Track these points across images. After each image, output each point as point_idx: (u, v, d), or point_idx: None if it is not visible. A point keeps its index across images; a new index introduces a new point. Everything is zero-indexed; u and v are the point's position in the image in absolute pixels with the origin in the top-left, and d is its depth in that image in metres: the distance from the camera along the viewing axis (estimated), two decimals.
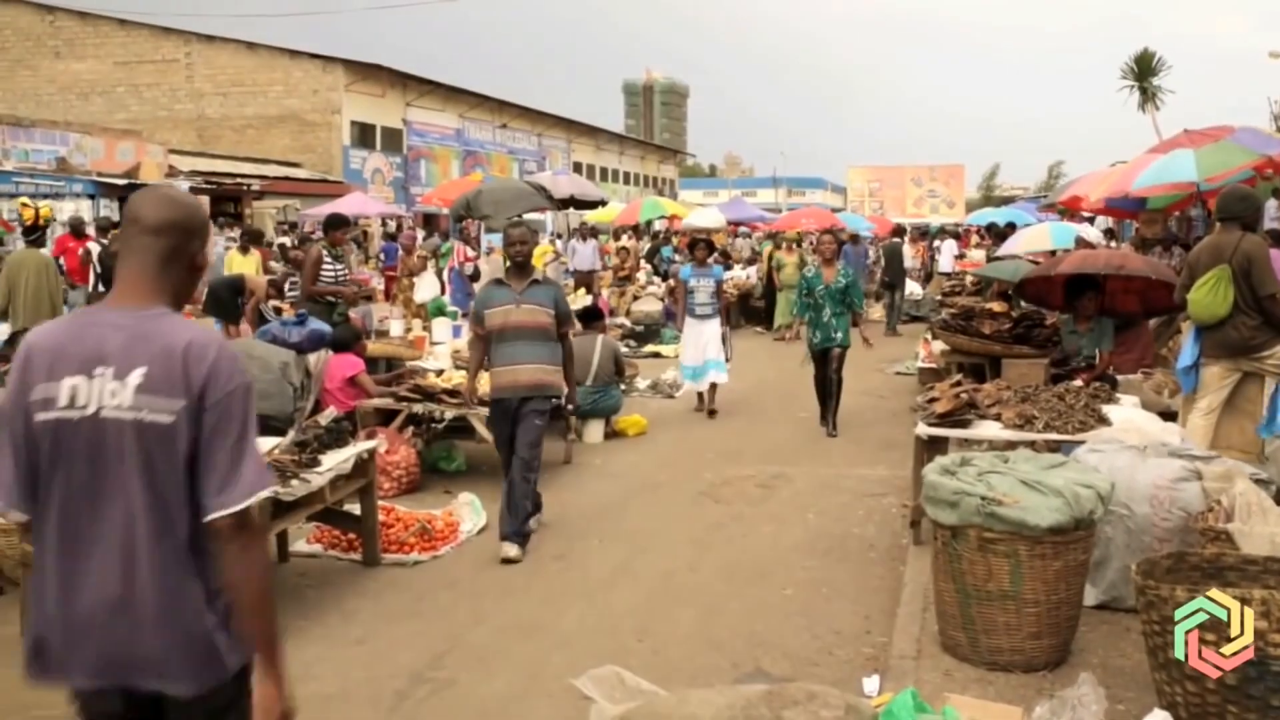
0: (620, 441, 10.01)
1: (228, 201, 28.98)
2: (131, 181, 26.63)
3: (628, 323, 17.27)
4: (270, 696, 2.42)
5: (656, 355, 15.64)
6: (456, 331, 11.38)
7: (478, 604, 5.81)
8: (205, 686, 2.39)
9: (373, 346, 10.04)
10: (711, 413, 11.20)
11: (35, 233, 13.24)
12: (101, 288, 15.93)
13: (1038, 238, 15.22)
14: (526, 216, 17.54)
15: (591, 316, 11.08)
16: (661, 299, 18.54)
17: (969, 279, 17.28)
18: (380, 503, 6.72)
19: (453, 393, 8.31)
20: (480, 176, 23.82)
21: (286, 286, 13.14)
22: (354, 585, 6.10)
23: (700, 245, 11.88)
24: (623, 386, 10.81)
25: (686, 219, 26.95)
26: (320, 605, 5.77)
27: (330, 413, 6.81)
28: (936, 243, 26.32)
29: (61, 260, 17.04)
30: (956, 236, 31.43)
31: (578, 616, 5.61)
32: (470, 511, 7.25)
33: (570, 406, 7.39)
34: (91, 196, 24.77)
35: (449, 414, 8.34)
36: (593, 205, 19.68)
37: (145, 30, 38.87)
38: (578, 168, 50.33)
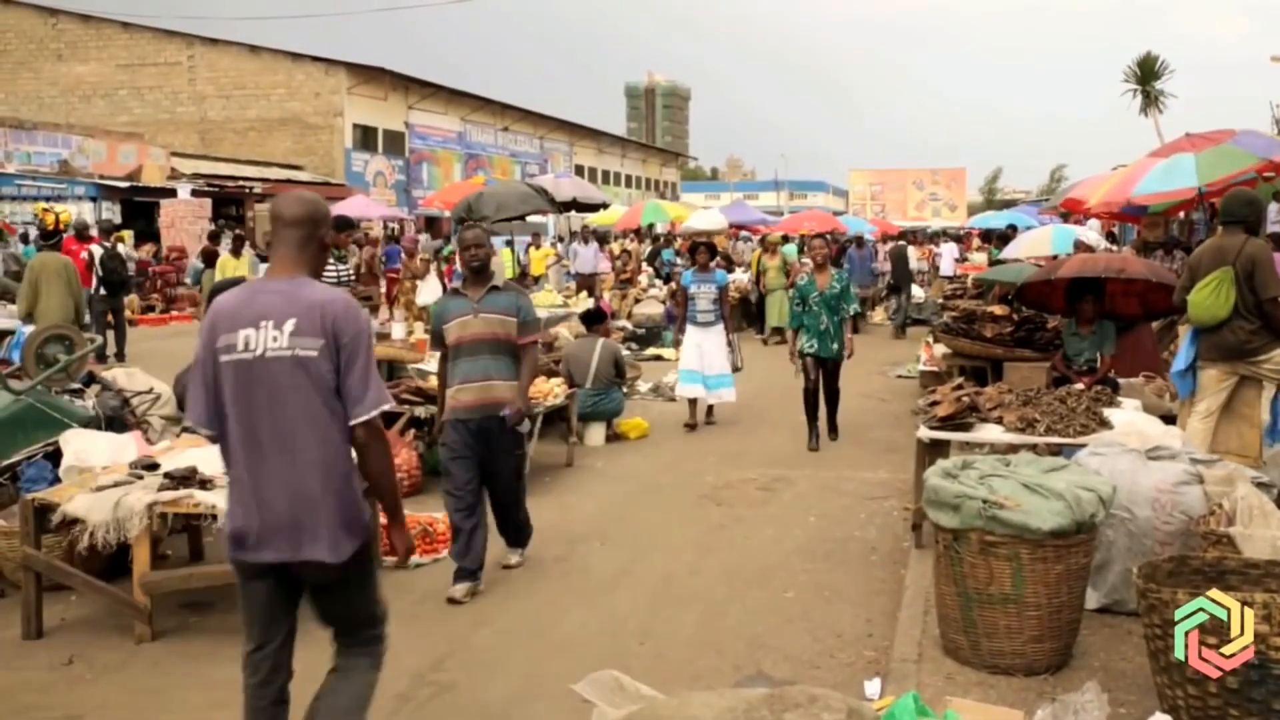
0: (622, 444, 10.01)
1: (230, 204, 29.00)
2: (134, 184, 26.67)
3: (629, 325, 17.28)
4: (401, 538, 3.64)
5: (658, 358, 15.64)
6: None
7: (479, 607, 5.81)
8: (346, 554, 3.35)
9: (376, 349, 10.02)
10: (690, 427, 10.61)
11: (54, 237, 13.48)
12: (103, 290, 15.93)
13: (1039, 242, 15.22)
14: (530, 219, 17.60)
15: (594, 319, 11.08)
16: (663, 302, 18.54)
17: (970, 282, 17.29)
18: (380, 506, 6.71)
19: None
20: (482, 179, 23.89)
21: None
22: None
23: (702, 249, 11.14)
24: (624, 389, 10.80)
25: (686, 222, 26.19)
26: None
27: None
28: (937, 246, 26.30)
29: None
30: (958, 240, 31.44)
31: (579, 620, 5.61)
32: None
33: (514, 420, 6.05)
34: (94, 199, 24.84)
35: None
36: (594, 208, 19.67)
37: (148, 33, 38.96)
38: (580, 170, 50.39)
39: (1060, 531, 4.36)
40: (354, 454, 3.37)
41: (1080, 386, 7.07)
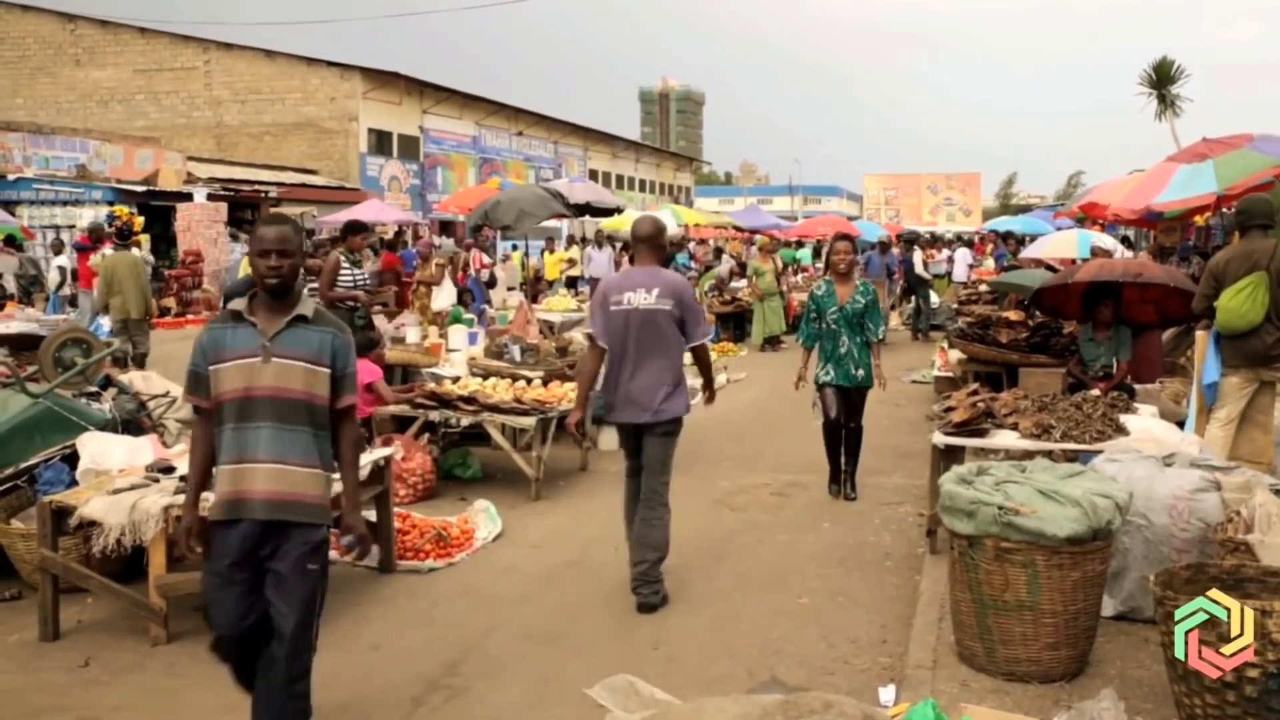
0: None
1: (245, 208, 29.10)
2: (151, 188, 26.79)
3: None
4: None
5: None
6: (473, 339, 11.40)
7: (493, 611, 5.81)
8: (665, 417, 5.85)
9: (389, 353, 10.06)
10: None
11: (127, 237, 15.34)
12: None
13: (1065, 243, 15.17)
14: (543, 224, 17.61)
15: None
16: None
17: (983, 287, 17.23)
18: (396, 509, 6.74)
19: (469, 399, 8.33)
20: (497, 183, 23.88)
21: (306, 293, 13.19)
22: (370, 592, 6.11)
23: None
24: None
25: (615, 223, 21.57)
26: (336, 611, 5.76)
27: None
28: (939, 251, 26.17)
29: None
30: (970, 245, 31.35)
31: (592, 624, 5.61)
32: (486, 519, 7.26)
33: (347, 539, 4.02)
34: (111, 203, 24.92)
35: (465, 421, 8.35)
36: (608, 213, 19.69)
37: (165, 38, 39.16)
38: (594, 175, 50.46)
39: (1076, 538, 4.34)
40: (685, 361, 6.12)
41: (1096, 392, 7.04)
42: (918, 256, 20.42)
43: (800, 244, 33.10)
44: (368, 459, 6.19)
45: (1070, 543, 4.34)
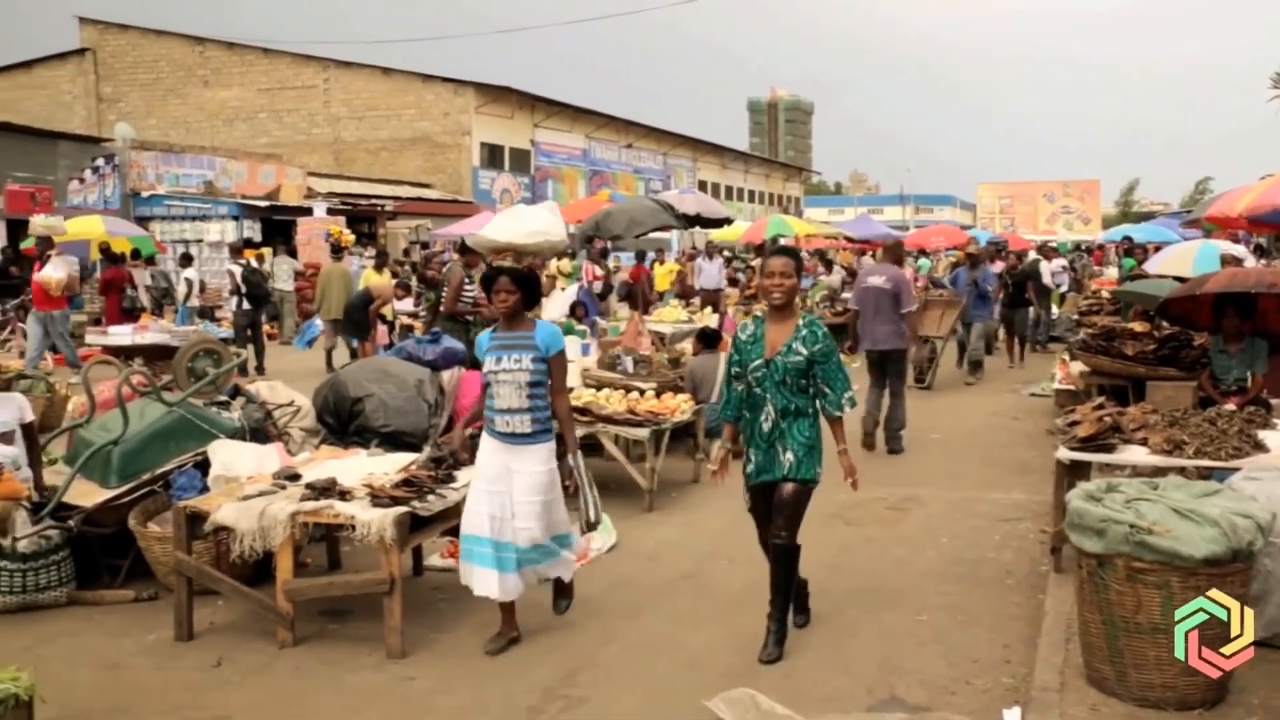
0: None
1: (363, 222, 29.88)
2: (273, 203, 27.68)
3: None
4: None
5: None
6: (585, 350, 11.50)
7: (608, 622, 5.83)
8: (889, 347, 10.22)
9: None
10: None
11: (339, 252, 18.76)
12: (246, 305, 16.58)
13: (1179, 260, 14.55)
14: (653, 235, 17.68)
15: (713, 339, 11.02)
16: None
17: (1104, 295, 16.69)
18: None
19: (583, 411, 8.39)
20: (607, 194, 24.08)
21: (419, 305, 13.50)
22: (486, 600, 6.16)
23: (503, 282, 5.44)
24: None
25: (483, 231, 13.50)
26: (454, 619, 5.87)
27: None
28: (1064, 262, 25.31)
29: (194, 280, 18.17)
30: (1089, 253, 30.51)
31: (707, 637, 5.59)
32: (600, 531, 7.28)
33: None
34: (236, 218, 25.83)
35: (579, 432, 8.39)
36: (718, 224, 19.68)
37: (287, 58, 40.46)
38: (703, 186, 50.46)
39: (1214, 559, 4.18)
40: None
41: (1231, 407, 6.77)
42: (1045, 266, 19.78)
43: (923, 254, 32.59)
44: None
45: (1207, 564, 4.18)
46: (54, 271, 14.53)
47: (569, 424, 5.60)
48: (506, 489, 5.31)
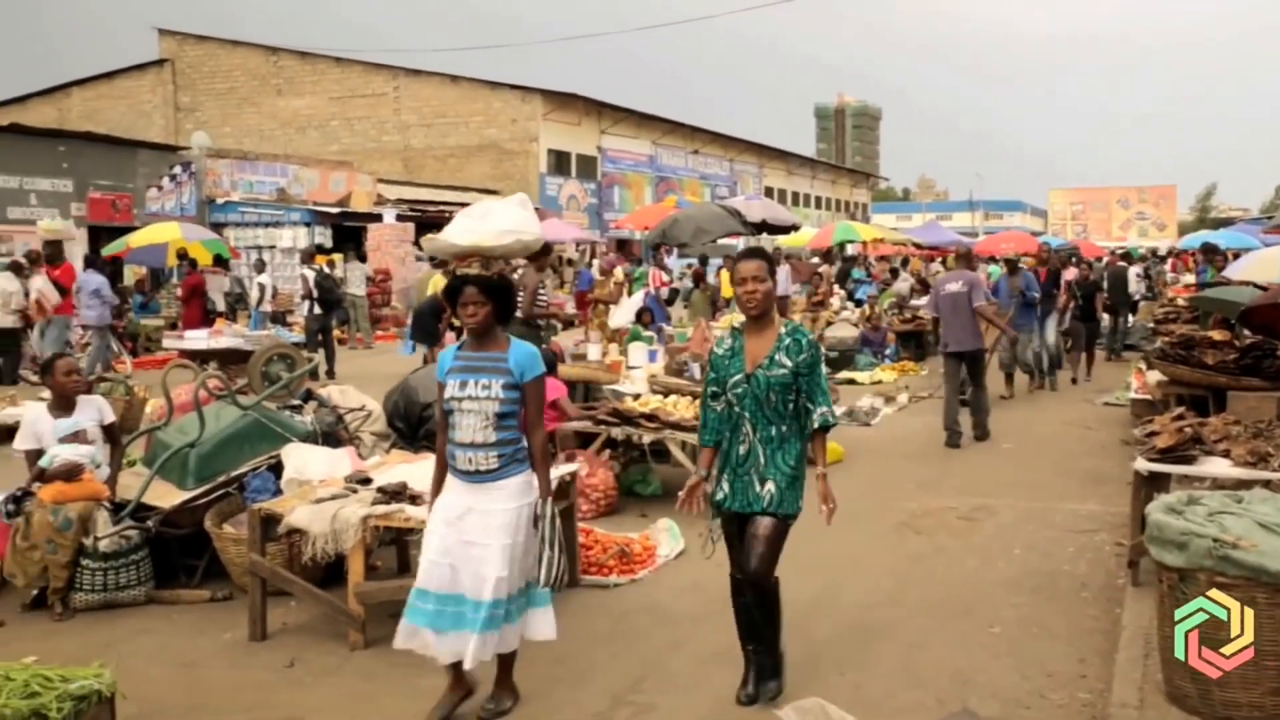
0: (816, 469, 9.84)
1: (431, 228, 30.13)
2: (344, 209, 28.10)
3: (822, 349, 17.06)
4: None
5: (851, 382, 15.42)
6: (652, 356, 11.51)
7: (675, 629, 5.81)
8: (971, 348, 11.02)
9: (570, 370, 10.25)
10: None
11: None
12: (318, 310, 16.87)
13: (1260, 267, 14.15)
14: (721, 242, 17.67)
15: None
16: (855, 325, 18.27)
17: (1180, 302, 16.30)
18: (579, 524, 6.82)
19: (650, 417, 8.39)
20: (674, 201, 24.08)
21: None
22: (554, 604, 6.18)
23: (471, 294, 4.62)
24: None
25: (442, 234, 11.38)
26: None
27: None
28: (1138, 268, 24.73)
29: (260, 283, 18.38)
30: (1164, 260, 29.88)
31: None
32: (668, 537, 7.28)
33: None
34: (308, 224, 26.26)
35: (646, 438, 8.41)
36: (785, 230, 19.59)
37: (358, 67, 41.11)
38: (769, 192, 50.36)
39: None
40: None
41: None
42: (1133, 271, 19.31)
43: (992, 260, 32.17)
44: (555, 474, 6.29)
45: None
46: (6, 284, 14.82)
47: (544, 464, 4.72)
48: (468, 535, 4.54)
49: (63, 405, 6.62)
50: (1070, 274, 16.43)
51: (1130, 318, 19.83)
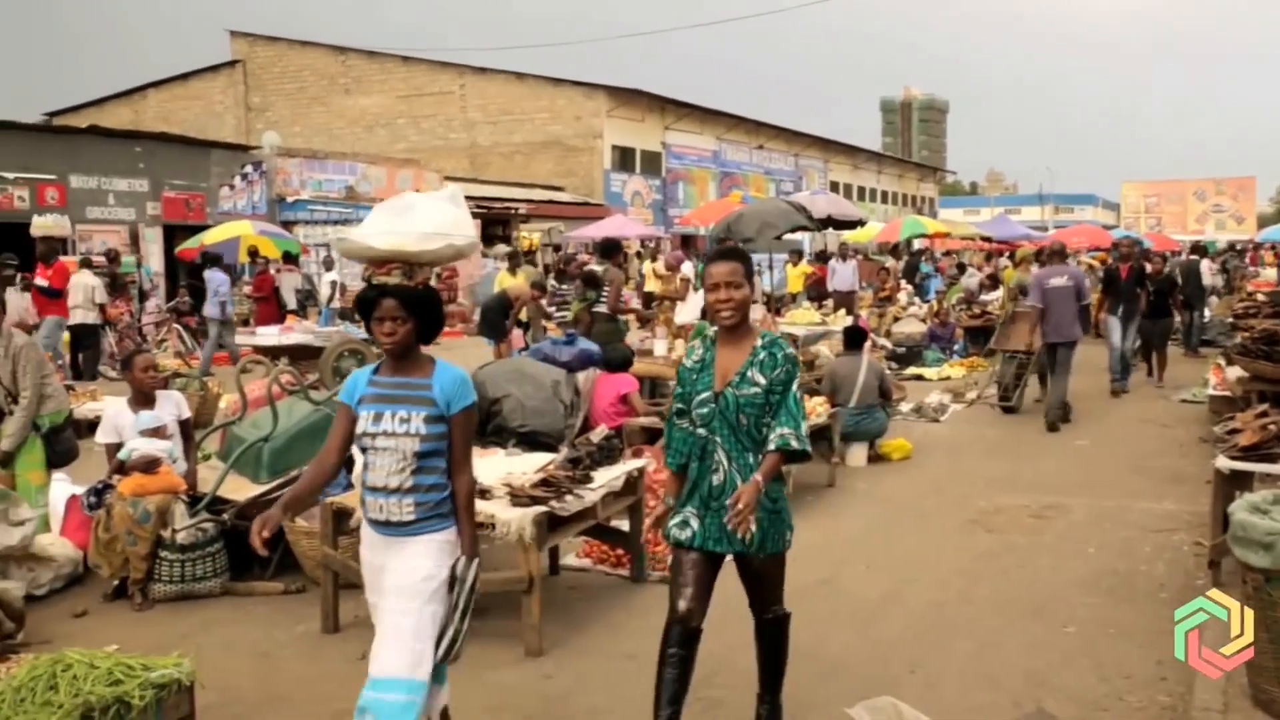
0: (884, 465, 9.78)
1: (497, 224, 30.42)
2: None
3: (889, 344, 16.92)
4: None
5: (919, 378, 15.25)
6: None
7: (744, 626, 5.72)
8: (1071, 339, 11.63)
9: (636, 366, 10.25)
10: None
11: (517, 259, 18.29)
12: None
13: None
14: (786, 237, 17.55)
15: (857, 337, 10.85)
16: (923, 320, 18.08)
17: (1260, 297, 15.86)
18: (647, 520, 6.81)
19: None
20: (739, 196, 23.99)
21: (553, 308, 13.70)
22: (622, 600, 6.21)
23: (388, 307, 3.84)
24: (888, 410, 10.53)
25: (355, 230, 9.56)
26: (589, 619, 5.90)
27: (602, 430, 6.97)
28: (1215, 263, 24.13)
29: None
30: (1242, 254, 29.17)
31: (845, 644, 5.49)
32: None
33: None
34: None
35: None
36: (851, 225, 19.40)
37: (424, 65, 41.51)
38: (835, 187, 49.93)
39: None
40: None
41: None
42: (1205, 265, 18.89)
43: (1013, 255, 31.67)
44: (621, 470, 6.31)
45: None
46: None
47: (468, 515, 3.96)
48: (386, 600, 3.92)
49: (142, 400, 6.77)
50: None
51: (1206, 312, 19.38)
